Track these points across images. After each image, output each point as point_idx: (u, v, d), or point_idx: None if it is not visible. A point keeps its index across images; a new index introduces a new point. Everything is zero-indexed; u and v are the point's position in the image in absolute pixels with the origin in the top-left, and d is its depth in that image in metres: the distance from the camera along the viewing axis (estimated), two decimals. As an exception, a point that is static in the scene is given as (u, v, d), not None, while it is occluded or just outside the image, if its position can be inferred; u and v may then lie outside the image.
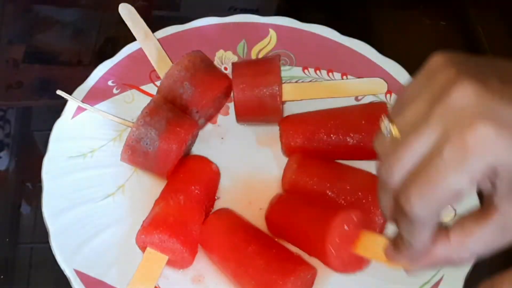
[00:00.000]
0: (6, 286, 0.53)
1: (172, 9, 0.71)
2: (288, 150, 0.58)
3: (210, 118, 0.61)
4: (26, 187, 0.58)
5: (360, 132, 0.56)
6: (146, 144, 0.54)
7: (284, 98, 0.58)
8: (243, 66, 0.59)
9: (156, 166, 0.55)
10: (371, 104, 0.60)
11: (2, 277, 0.54)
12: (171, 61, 0.61)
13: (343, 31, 0.64)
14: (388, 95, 0.61)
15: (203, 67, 0.58)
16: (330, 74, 0.63)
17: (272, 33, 0.64)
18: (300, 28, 0.64)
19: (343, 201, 0.53)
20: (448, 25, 0.72)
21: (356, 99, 0.61)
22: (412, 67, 0.62)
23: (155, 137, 0.54)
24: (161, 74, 0.59)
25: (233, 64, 0.59)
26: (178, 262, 0.52)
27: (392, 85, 0.61)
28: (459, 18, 0.72)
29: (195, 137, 0.58)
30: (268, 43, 0.64)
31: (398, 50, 0.66)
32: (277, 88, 0.57)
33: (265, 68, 0.58)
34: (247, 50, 0.64)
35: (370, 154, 0.56)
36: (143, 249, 0.51)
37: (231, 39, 0.64)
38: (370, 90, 0.61)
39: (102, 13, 0.70)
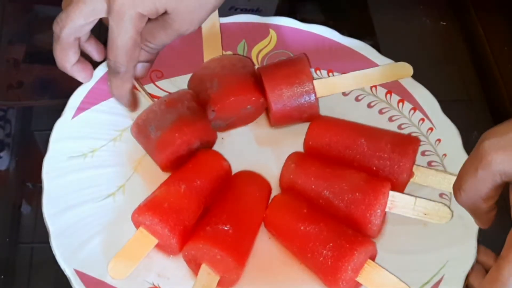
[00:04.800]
0: (6, 286, 0.53)
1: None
2: (306, 148, 0.58)
3: (232, 126, 0.60)
4: (26, 187, 0.58)
5: (383, 159, 0.54)
6: (151, 128, 0.54)
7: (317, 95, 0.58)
8: (271, 69, 0.58)
9: (153, 154, 0.55)
10: (404, 135, 0.58)
11: (2, 277, 0.54)
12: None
13: (343, 31, 0.64)
14: (388, 95, 0.61)
15: (240, 73, 0.58)
16: (330, 74, 0.63)
17: (272, 33, 0.64)
18: (301, 28, 0.64)
19: (340, 202, 0.53)
20: (448, 25, 0.72)
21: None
22: (412, 67, 0.62)
23: (160, 125, 0.54)
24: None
25: (260, 69, 0.59)
26: (166, 248, 0.52)
27: (392, 86, 0.61)
28: (459, 18, 0.72)
29: (206, 143, 0.57)
30: (268, 43, 0.64)
31: (398, 50, 0.66)
32: (311, 86, 0.56)
33: (295, 69, 0.57)
34: (247, 50, 0.64)
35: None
36: (137, 228, 0.52)
37: (231, 39, 0.63)
38: (397, 74, 0.60)
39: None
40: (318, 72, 0.63)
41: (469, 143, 0.59)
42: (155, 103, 0.56)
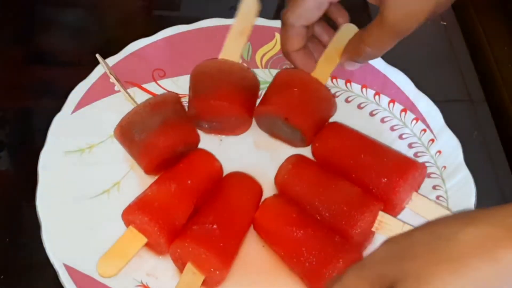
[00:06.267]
0: (6, 286, 0.53)
1: (172, 9, 0.71)
2: (313, 150, 0.58)
3: (218, 131, 0.60)
4: (26, 187, 0.58)
5: (382, 177, 0.53)
6: (135, 131, 0.54)
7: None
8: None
9: (138, 156, 0.55)
10: (407, 158, 0.56)
11: (2, 277, 0.54)
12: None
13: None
14: (391, 104, 0.61)
15: (235, 82, 0.57)
16: (334, 80, 0.63)
17: (277, 37, 0.64)
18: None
19: (326, 211, 0.52)
20: (448, 25, 0.72)
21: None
22: (412, 67, 0.62)
23: (145, 128, 0.54)
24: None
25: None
26: (156, 247, 0.53)
27: (397, 95, 0.61)
28: (459, 18, 0.72)
29: (190, 146, 0.57)
30: (273, 47, 0.64)
31: (397, 50, 0.66)
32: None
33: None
34: (252, 53, 0.64)
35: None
36: (127, 226, 0.52)
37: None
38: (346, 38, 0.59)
39: (102, 13, 0.70)
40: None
41: (469, 143, 0.59)
42: (139, 105, 0.56)
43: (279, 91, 0.57)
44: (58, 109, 0.58)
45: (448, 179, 0.57)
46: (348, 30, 0.60)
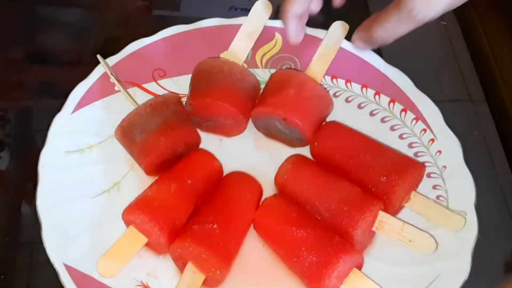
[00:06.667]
0: (6, 286, 0.54)
1: (172, 9, 0.71)
2: (312, 150, 0.58)
3: (213, 130, 0.60)
4: (26, 187, 0.58)
5: (381, 175, 0.53)
6: (136, 132, 0.54)
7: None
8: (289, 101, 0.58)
9: (138, 157, 0.55)
10: (406, 157, 0.56)
11: (2, 277, 0.54)
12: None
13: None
14: (391, 104, 0.61)
15: (233, 83, 0.57)
16: (334, 80, 0.63)
17: (278, 36, 0.64)
18: (306, 33, 0.63)
19: (326, 211, 0.52)
20: (448, 25, 0.72)
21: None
22: (412, 67, 0.62)
23: (146, 129, 0.54)
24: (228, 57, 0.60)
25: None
26: (156, 247, 0.53)
27: (396, 95, 0.61)
28: (459, 18, 0.72)
29: (191, 147, 0.57)
30: (273, 46, 0.63)
31: (397, 50, 0.66)
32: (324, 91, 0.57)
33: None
34: (252, 53, 0.63)
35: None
36: (127, 226, 0.52)
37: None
38: (341, 35, 0.61)
39: (102, 13, 0.70)
40: (322, 78, 0.62)
41: (469, 143, 0.59)
42: (140, 106, 0.56)
43: (276, 92, 0.57)
44: (58, 109, 0.58)
45: (448, 179, 0.57)
46: (338, 27, 0.60)
